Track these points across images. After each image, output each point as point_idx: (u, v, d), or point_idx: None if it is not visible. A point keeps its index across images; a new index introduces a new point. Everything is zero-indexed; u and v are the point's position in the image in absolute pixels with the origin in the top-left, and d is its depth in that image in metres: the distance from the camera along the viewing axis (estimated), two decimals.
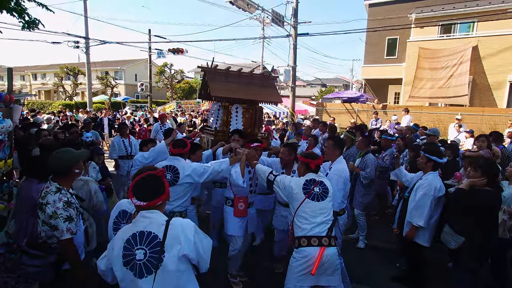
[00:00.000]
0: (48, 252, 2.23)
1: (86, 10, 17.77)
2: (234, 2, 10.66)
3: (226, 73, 4.81)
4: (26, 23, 5.95)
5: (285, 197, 2.88)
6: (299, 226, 2.69)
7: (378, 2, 19.38)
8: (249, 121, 4.85)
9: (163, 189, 1.78)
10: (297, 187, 2.78)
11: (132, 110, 21.88)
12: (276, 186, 2.95)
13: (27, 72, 44.76)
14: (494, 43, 14.05)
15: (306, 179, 2.81)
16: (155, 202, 1.73)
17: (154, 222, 1.70)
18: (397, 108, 13.88)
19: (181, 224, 1.75)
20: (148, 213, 1.73)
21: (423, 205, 3.30)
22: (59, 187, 2.21)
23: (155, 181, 1.78)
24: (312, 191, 2.74)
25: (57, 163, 2.24)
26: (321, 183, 2.82)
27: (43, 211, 2.14)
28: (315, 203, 2.70)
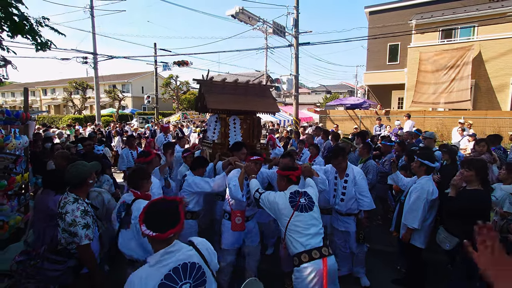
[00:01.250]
0: (68, 257, 2.43)
1: (93, 27, 18.40)
2: (236, 15, 10.99)
3: (222, 84, 4.79)
4: (39, 44, 6.30)
5: (272, 214, 2.81)
6: (295, 241, 2.61)
7: (379, 9, 19.67)
8: (247, 132, 4.83)
9: (179, 219, 1.65)
10: (283, 201, 2.73)
11: (139, 122, 22.35)
12: (261, 204, 2.88)
13: (37, 88, 45.98)
14: (496, 47, 14.13)
15: (291, 192, 2.78)
16: (169, 233, 1.59)
17: (180, 253, 1.64)
18: (400, 113, 13.97)
19: (204, 245, 1.77)
20: (171, 247, 1.62)
21: (417, 208, 3.43)
22: (77, 197, 2.45)
23: (173, 209, 1.67)
24: (299, 202, 2.70)
25: (73, 175, 2.48)
26: (305, 193, 2.80)
27: (63, 219, 2.36)
28: (304, 215, 2.66)
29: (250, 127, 4.87)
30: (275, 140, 8.27)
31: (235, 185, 3.15)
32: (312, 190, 2.91)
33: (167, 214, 1.64)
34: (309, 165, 3.43)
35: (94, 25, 18.46)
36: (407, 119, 11.64)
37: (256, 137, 5.00)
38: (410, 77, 16.18)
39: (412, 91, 15.61)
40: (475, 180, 2.94)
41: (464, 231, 3.02)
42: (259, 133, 5.22)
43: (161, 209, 1.65)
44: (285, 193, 2.79)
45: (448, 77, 14.34)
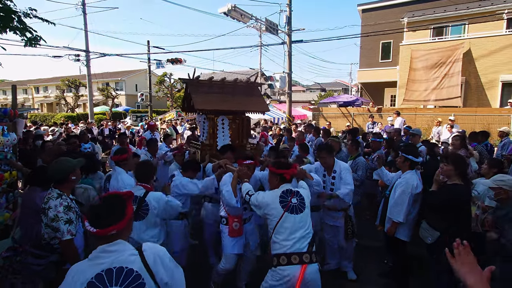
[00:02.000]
0: (51, 252, 2.46)
1: (86, 24, 18.22)
2: (228, 13, 11.00)
3: (208, 83, 4.67)
4: (29, 40, 6.25)
5: (261, 214, 2.72)
6: (277, 242, 2.50)
7: (371, 7, 19.79)
8: (236, 132, 4.72)
9: (122, 215, 1.53)
10: (273, 201, 2.61)
11: (133, 120, 22.26)
12: (252, 205, 2.79)
13: (29, 86, 45.44)
14: (485, 44, 14.32)
15: (282, 191, 2.66)
16: (109, 230, 1.47)
17: (120, 255, 1.49)
18: (391, 111, 14.11)
19: (154, 250, 1.58)
20: (109, 246, 1.49)
21: (402, 202, 3.51)
22: (60, 193, 2.47)
23: (116, 204, 1.57)
24: (290, 203, 2.59)
25: (56, 171, 2.51)
26: (297, 193, 2.68)
27: (45, 215, 2.39)
28: (294, 216, 2.54)
29: (239, 127, 4.77)
30: (268, 137, 8.32)
31: (228, 191, 3.07)
32: (305, 192, 2.80)
33: (109, 209, 1.53)
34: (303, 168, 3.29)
35: (86, 23, 18.27)
36: (397, 117, 11.77)
37: (245, 137, 4.92)
38: (402, 75, 16.33)
39: (404, 89, 15.76)
40: (454, 174, 3.01)
41: (445, 225, 3.11)
42: (248, 132, 5.12)
43: (104, 204, 1.56)
44: (276, 192, 2.67)
45: (439, 75, 14.51)
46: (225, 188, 3.11)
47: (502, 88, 14.30)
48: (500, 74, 14.12)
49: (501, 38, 14.07)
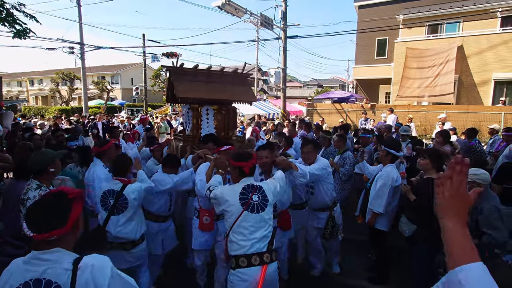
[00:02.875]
0: (28, 243, 2.47)
1: (80, 16, 18.08)
2: (222, 7, 10.96)
3: (194, 72, 4.43)
4: (18, 32, 6.23)
5: (218, 211, 2.51)
6: (236, 243, 2.34)
7: (368, 3, 19.75)
8: (221, 123, 4.55)
9: (63, 220, 1.31)
10: (232, 197, 2.41)
11: (129, 114, 22.17)
12: (212, 201, 2.54)
13: (24, 78, 45.03)
14: (479, 42, 14.38)
15: (243, 186, 2.45)
16: (47, 236, 1.27)
17: (54, 267, 1.29)
18: (385, 108, 14.19)
19: (93, 264, 1.31)
20: (45, 254, 1.30)
21: (382, 194, 3.59)
22: (40, 184, 2.52)
23: (57, 205, 1.35)
24: (251, 200, 2.40)
25: (35, 162, 2.55)
26: (259, 189, 2.47)
27: (24, 206, 2.43)
28: (254, 216, 2.37)
29: (224, 118, 4.60)
30: (259, 133, 8.32)
31: (202, 180, 2.88)
32: (270, 185, 2.57)
33: (49, 211, 1.32)
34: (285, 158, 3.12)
35: (80, 15, 18.13)
36: (390, 113, 11.85)
37: (231, 129, 4.75)
38: (396, 72, 16.39)
39: (398, 86, 15.83)
40: (431, 168, 3.07)
41: (421, 218, 3.18)
42: (234, 124, 4.95)
43: (44, 204, 1.36)
44: (236, 187, 2.47)
45: (433, 72, 14.58)
46: (198, 177, 2.97)
47: (495, 86, 14.41)
48: (493, 72, 14.21)
49: (494, 37, 14.13)
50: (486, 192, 2.96)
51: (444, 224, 0.93)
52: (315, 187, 3.61)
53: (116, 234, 2.81)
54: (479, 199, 2.96)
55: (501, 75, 14.09)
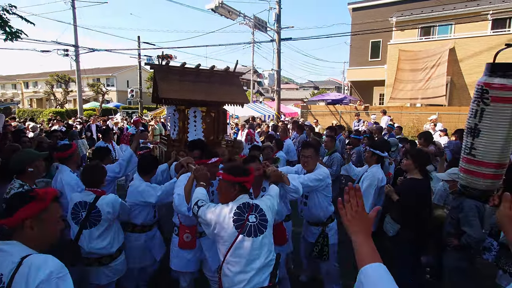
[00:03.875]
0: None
1: (75, 18, 18.06)
2: (216, 9, 11.02)
3: (181, 71, 4.06)
4: (9, 34, 6.23)
5: (210, 235, 2.13)
6: (230, 276, 1.98)
7: (362, 6, 19.94)
8: (210, 126, 4.21)
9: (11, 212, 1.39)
10: (225, 219, 2.01)
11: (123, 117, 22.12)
12: (200, 220, 2.15)
13: (18, 81, 44.80)
14: (471, 45, 14.56)
15: (238, 206, 2.06)
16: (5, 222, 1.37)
17: (5, 259, 1.31)
18: (378, 109, 14.31)
19: (32, 263, 1.28)
20: (5, 244, 1.36)
21: (368, 195, 3.63)
22: (22, 183, 2.56)
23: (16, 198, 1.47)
24: (247, 222, 2.01)
25: (15, 162, 2.60)
26: (256, 208, 2.09)
27: None
28: (252, 241, 1.98)
29: (214, 121, 4.24)
30: (253, 135, 8.16)
31: (180, 194, 2.48)
32: (268, 203, 2.21)
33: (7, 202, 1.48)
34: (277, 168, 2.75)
35: (75, 17, 18.11)
36: (383, 115, 11.96)
37: (221, 133, 4.39)
38: (389, 74, 16.53)
39: (391, 87, 15.97)
40: (414, 168, 3.13)
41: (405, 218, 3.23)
42: (225, 127, 4.58)
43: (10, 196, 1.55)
44: (228, 208, 2.07)
45: (425, 75, 14.73)
46: (176, 190, 2.54)
47: None
48: None
49: (486, 39, 14.32)
50: None
51: (353, 240, 1.13)
52: (309, 198, 3.27)
53: (89, 250, 2.58)
54: (460, 197, 3.02)
55: None
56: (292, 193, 2.68)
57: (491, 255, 2.90)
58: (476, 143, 1.28)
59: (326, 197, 3.23)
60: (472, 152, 1.29)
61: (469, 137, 1.30)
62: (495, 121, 1.20)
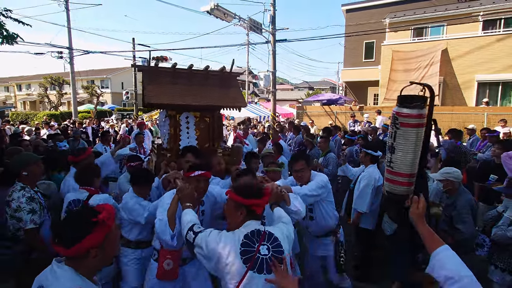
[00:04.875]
0: (16, 243, 2.58)
1: (69, 20, 17.97)
2: (211, 12, 11.06)
3: (172, 72, 3.72)
4: (5, 37, 6.22)
5: (212, 270, 1.73)
6: None
7: (355, 7, 20.15)
8: (205, 133, 3.81)
9: (75, 240, 1.24)
10: (230, 250, 1.64)
11: (118, 119, 22.04)
12: (196, 251, 1.76)
13: (11, 83, 44.30)
14: (462, 45, 14.80)
15: (246, 234, 1.68)
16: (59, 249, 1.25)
17: (54, 283, 1.25)
18: (373, 109, 14.46)
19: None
20: (59, 268, 1.28)
21: (365, 194, 3.74)
22: (23, 185, 2.61)
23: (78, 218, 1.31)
24: (257, 254, 1.63)
25: (11, 165, 2.69)
26: (270, 237, 1.71)
27: (9, 206, 2.52)
28: (264, 278, 1.59)
29: (209, 127, 3.85)
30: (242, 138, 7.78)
31: (161, 220, 2.13)
32: (284, 230, 1.83)
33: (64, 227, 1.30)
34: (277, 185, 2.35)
35: (69, 19, 18.02)
36: (378, 115, 12.10)
37: (217, 140, 3.99)
38: (383, 74, 16.72)
39: (385, 88, 16.14)
40: None
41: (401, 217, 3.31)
42: (220, 134, 4.16)
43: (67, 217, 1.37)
44: (235, 236, 1.69)
45: (418, 75, 14.93)
46: (158, 214, 2.19)
47: (478, 88, 14.83)
48: (476, 74, 14.64)
49: (477, 40, 14.57)
50: (460, 188, 3.12)
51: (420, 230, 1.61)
52: (315, 210, 3.00)
53: None
54: (454, 195, 3.12)
55: (484, 76, 14.52)
56: (292, 214, 2.28)
57: (484, 251, 3.01)
58: (393, 158, 1.56)
59: (331, 203, 3.08)
60: (391, 165, 1.58)
61: (388, 153, 1.59)
62: (404, 141, 1.52)
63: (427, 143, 1.59)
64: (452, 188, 3.05)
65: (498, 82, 14.46)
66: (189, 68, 3.90)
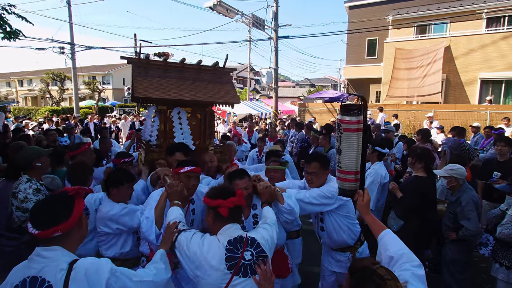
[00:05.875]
0: (21, 234, 2.61)
1: (70, 16, 17.92)
2: (214, 7, 11.03)
3: (163, 66, 3.58)
4: (7, 33, 6.21)
5: (191, 274, 1.69)
6: None
7: (358, 4, 20.03)
8: (196, 130, 3.66)
9: (67, 214, 1.31)
10: (215, 255, 1.64)
11: (119, 115, 22.04)
12: (178, 251, 1.75)
13: (12, 79, 44.31)
14: (466, 43, 14.73)
15: (229, 239, 1.69)
16: (51, 231, 1.27)
17: (51, 266, 1.27)
18: (375, 107, 14.44)
19: (87, 268, 1.29)
20: (46, 250, 1.31)
21: (371, 191, 3.73)
22: (29, 178, 2.65)
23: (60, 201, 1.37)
24: (242, 260, 1.65)
25: (21, 158, 2.70)
26: (252, 242, 1.73)
27: (16, 198, 2.55)
28: (247, 283, 1.64)
29: (200, 124, 3.70)
30: (241, 136, 7.51)
31: (148, 218, 2.06)
32: (265, 235, 1.83)
33: (51, 207, 1.34)
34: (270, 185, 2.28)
35: (71, 14, 17.96)
36: (380, 112, 12.08)
37: (208, 137, 3.83)
38: (386, 71, 16.66)
39: (387, 85, 16.10)
40: (418, 166, 3.23)
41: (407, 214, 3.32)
42: (212, 131, 4.01)
43: (47, 202, 1.40)
44: (218, 242, 1.70)
45: (421, 73, 14.89)
46: (145, 212, 2.13)
47: (481, 86, 14.78)
48: (479, 72, 14.58)
49: (480, 37, 14.50)
50: (464, 185, 3.12)
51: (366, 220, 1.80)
52: (325, 221, 2.67)
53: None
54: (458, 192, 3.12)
55: (487, 74, 14.46)
56: (285, 215, 2.25)
57: (488, 250, 3.01)
58: (341, 158, 1.76)
59: (346, 217, 2.63)
60: (339, 165, 1.78)
61: (337, 155, 1.79)
62: (347, 144, 1.71)
63: (366, 145, 1.77)
64: (456, 185, 3.05)
65: (501, 80, 14.41)
66: (181, 62, 3.76)
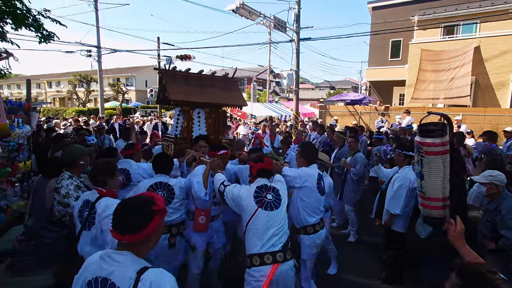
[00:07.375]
0: (61, 227, 2.75)
1: (97, 20, 18.58)
2: (237, 10, 11.10)
3: (185, 75, 4.50)
4: (43, 37, 6.50)
5: (236, 209, 2.62)
6: (250, 241, 2.46)
7: (382, 5, 19.60)
8: (212, 126, 4.63)
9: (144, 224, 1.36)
10: (247, 196, 2.54)
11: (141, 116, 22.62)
12: (226, 197, 2.66)
13: (42, 80, 46.45)
14: (496, 44, 14.09)
15: (257, 186, 2.59)
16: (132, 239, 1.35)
17: (120, 271, 1.33)
18: (399, 110, 14.06)
19: (152, 280, 1.31)
20: (118, 254, 1.37)
21: (400, 196, 3.64)
22: (71, 175, 2.78)
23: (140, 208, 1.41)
24: (265, 198, 2.52)
25: (65, 156, 2.84)
26: (273, 189, 2.61)
27: (58, 193, 2.68)
28: (267, 213, 2.47)
29: (215, 122, 4.69)
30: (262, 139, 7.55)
31: (199, 182, 2.88)
32: (281, 186, 2.73)
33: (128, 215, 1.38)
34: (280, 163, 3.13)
35: (98, 19, 18.62)
36: (407, 115, 11.75)
37: (221, 132, 4.84)
38: (411, 73, 16.20)
39: (412, 88, 15.62)
40: None
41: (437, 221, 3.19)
42: (224, 127, 5.08)
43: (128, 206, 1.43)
44: (250, 187, 2.61)
45: (449, 75, 14.35)
46: (195, 179, 2.93)
47: None
48: (511, 74, 13.90)
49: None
50: (504, 192, 2.96)
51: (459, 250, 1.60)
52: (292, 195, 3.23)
53: (81, 254, 2.37)
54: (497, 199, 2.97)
55: None
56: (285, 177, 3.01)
57: None
58: (423, 184, 1.62)
59: (302, 201, 3.09)
60: (423, 191, 1.64)
61: (418, 180, 1.67)
62: (431, 168, 1.58)
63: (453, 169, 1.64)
64: (496, 192, 2.91)
65: None
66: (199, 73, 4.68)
